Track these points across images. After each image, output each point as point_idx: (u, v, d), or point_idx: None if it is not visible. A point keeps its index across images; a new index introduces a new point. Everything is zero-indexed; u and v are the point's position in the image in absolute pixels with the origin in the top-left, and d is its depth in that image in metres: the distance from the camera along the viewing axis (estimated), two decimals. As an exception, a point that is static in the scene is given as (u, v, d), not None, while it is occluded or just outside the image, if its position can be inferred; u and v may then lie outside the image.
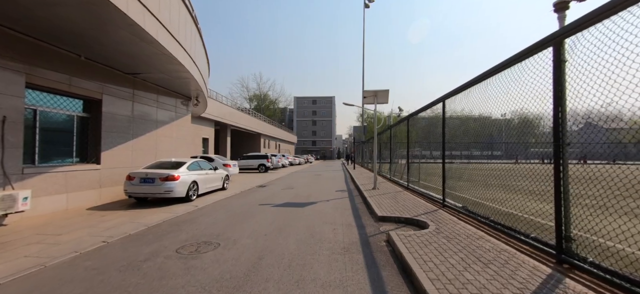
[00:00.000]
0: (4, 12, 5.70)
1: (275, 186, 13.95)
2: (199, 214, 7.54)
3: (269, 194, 11.25)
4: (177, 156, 12.72)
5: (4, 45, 6.29)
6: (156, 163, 9.42)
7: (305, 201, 9.53)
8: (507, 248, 4.08)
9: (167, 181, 8.43)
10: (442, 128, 7.19)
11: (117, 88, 9.40)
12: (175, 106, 12.94)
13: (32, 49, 6.82)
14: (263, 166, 24.29)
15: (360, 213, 7.49)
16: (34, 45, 6.86)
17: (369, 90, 11.16)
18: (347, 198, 10.11)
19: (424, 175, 11.35)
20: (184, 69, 9.36)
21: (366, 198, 9.10)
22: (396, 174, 14.69)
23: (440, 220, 5.86)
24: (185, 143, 13.95)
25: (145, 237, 5.48)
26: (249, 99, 70.07)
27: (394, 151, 15.02)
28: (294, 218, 6.91)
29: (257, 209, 8.03)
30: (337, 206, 8.45)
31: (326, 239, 5.25)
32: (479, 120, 6.18)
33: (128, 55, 8.10)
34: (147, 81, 10.74)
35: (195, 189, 9.51)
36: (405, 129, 14.02)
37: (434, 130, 11.05)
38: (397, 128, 14.19)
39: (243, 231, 5.84)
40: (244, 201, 9.46)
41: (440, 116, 10.49)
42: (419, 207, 7.33)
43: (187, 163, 9.58)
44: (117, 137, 9.46)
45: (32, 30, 6.50)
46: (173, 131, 12.74)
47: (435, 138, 11.29)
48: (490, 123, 5.67)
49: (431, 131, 11.09)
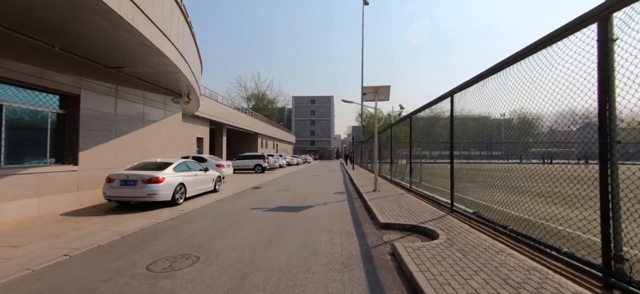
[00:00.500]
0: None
1: (271, 188, 13.28)
2: (183, 220, 6.87)
3: (263, 196, 10.59)
4: (166, 156, 12.03)
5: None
6: (140, 164, 8.73)
7: (301, 204, 8.87)
8: (537, 265, 3.43)
9: (150, 184, 7.75)
10: (450, 126, 6.55)
11: (98, 83, 8.70)
12: (165, 103, 12.24)
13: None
14: (259, 166, 23.61)
15: (361, 219, 6.84)
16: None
17: (369, 86, 10.52)
18: (345, 201, 9.46)
19: (428, 176, 10.74)
20: (170, 62, 8.67)
21: (366, 201, 8.45)
22: (396, 174, 14.06)
23: (450, 228, 5.22)
24: (175, 142, 13.25)
25: (116, 249, 4.80)
26: (247, 99, 69.42)
27: (395, 151, 14.39)
28: (288, 225, 6.25)
29: (248, 214, 7.37)
30: (335, 211, 7.80)
31: (322, 251, 4.60)
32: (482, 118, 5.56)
33: (107, 46, 7.41)
34: (133, 76, 10.05)
35: (183, 191, 8.83)
36: (407, 127, 13.43)
37: (435, 129, 10.46)
38: (398, 127, 13.57)
39: (229, 241, 5.17)
40: (235, 205, 8.79)
41: (440, 115, 9.99)
42: (424, 212, 6.69)
43: (174, 164, 8.90)
44: (98, 135, 8.77)
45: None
46: (162, 129, 12.05)
47: (435, 138, 10.72)
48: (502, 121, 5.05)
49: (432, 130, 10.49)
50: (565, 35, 3.28)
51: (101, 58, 8.31)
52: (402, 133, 13.91)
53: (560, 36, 3.32)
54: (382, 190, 10.78)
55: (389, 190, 10.78)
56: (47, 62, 7.22)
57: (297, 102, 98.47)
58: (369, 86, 10.56)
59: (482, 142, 6.20)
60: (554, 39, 3.40)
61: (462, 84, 5.90)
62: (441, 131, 10.25)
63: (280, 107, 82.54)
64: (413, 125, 13.44)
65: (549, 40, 3.46)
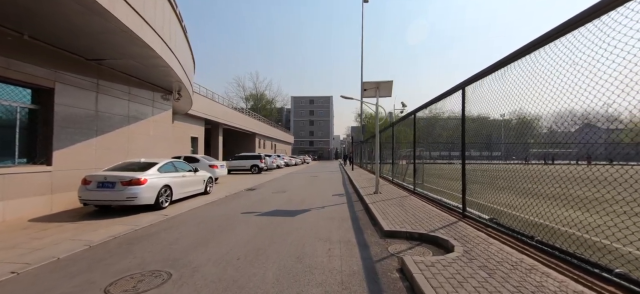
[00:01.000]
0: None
1: (266, 189, 12.59)
2: (164, 226, 6.17)
3: (257, 199, 9.89)
4: (155, 155, 11.33)
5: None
6: (121, 164, 8.03)
7: (297, 208, 8.18)
8: (585, 290, 2.76)
9: (131, 186, 7.04)
10: (461, 123, 5.88)
11: (75, 76, 8.00)
12: (153, 100, 11.54)
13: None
14: (256, 166, 22.91)
15: (362, 225, 6.16)
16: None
17: (371, 81, 9.85)
18: (345, 204, 8.78)
19: (431, 177, 10.07)
20: (155, 54, 7.98)
21: (368, 205, 7.77)
22: (397, 175, 13.40)
23: (466, 238, 4.54)
24: (165, 141, 12.54)
25: (76, 264, 4.10)
26: (246, 99, 68.76)
27: (396, 151, 13.72)
28: (281, 233, 5.56)
29: (238, 220, 6.67)
30: (333, 215, 7.12)
31: (318, 266, 3.91)
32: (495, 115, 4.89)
33: (82, 34, 6.72)
34: (116, 70, 9.35)
35: (168, 194, 8.13)
36: (410, 125, 12.76)
37: (435, 129, 9.79)
38: (400, 125, 12.90)
39: (211, 252, 4.48)
40: (225, 209, 8.09)
41: (439, 115, 9.33)
42: (433, 217, 6.02)
43: (159, 164, 8.20)
44: (76, 133, 8.06)
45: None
46: (150, 127, 11.34)
47: (434, 138, 10.06)
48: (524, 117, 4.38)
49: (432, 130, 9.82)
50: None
51: (78, 49, 7.61)
52: (403, 132, 13.27)
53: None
54: (383, 192, 10.11)
55: (391, 192, 10.11)
56: (14, 51, 6.51)
57: (295, 103, 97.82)
58: (370, 81, 9.89)
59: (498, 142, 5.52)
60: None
61: (477, 74, 5.22)
62: (441, 131, 9.63)
63: (279, 107, 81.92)
64: (418, 123, 12.84)
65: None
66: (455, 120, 6.94)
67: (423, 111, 9.24)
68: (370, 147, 23.14)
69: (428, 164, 10.63)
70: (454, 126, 8.91)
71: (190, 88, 14.28)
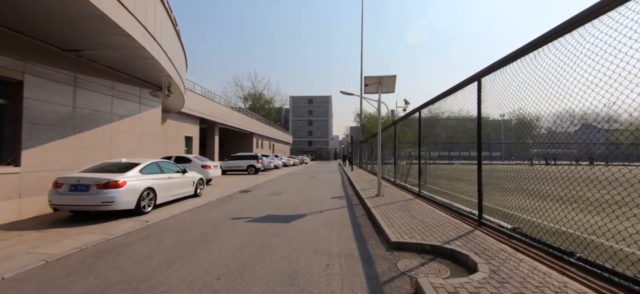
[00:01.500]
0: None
1: (261, 191, 11.88)
2: (142, 235, 5.46)
3: (251, 202, 9.19)
4: (142, 155, 10.62)
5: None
6: (99, 165, 7.31)
7: (292, 212, 7.49)
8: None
9: (107, 189, 6.33)
10: (477, 119, 5.20)
11: (49, 68, 7.28)
12: (140, 96, 10.82)
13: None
14: (252, 167, 22.18)
15: (364, 234, 5.47)
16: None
17: (373, 76, 9.16)
18: (345, 208, 8.09)
19: (434, 178, 9.40)
20: (138, 44, 7.27)
21: (370, 209, 7.09)
22: (399, 176, 12.74)
23: (488, 252, 3.86)
24: (153, 140, 11.82)
25: (20, 287, 3.39)
26: (244, 99, 68.02)
27: (398, 151, 13.05)
28: (272, 244, 4.86)
29: (225, 228, 5.97)
30: (332, 222, 6.43)
31: (315, 288, 3.22)
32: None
33: (53, 20, 6.00)
34: (97, 62, 8.62)
35: (152, 198, 7.41)
36: (409, 125, 12.10)
37: (435, 130, 9.12)
38: (400, 125, 12.24)
39: (188, 270, 3.78)
40: (214, 213, 7.39)
41: (438, 115, 8.66)
42: (444, 225, 5.33)
43: (142, 165, 7.49)
44: (50, 131, 7.33)
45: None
46: (136, 125, 10.62)
47: (436, 138, 9.38)
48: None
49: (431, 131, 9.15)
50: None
51: (51, 37, 6.89)
52: (402, 132, 12.61)
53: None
54: (386, 194, 9.43)
55: (394, 195, 9.43)
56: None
57: (294, 102, 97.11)
58: (372, 76, 9.21)
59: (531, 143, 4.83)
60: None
61: (498, 62, 4.54)
62: (441, 131, 8.99)
63: (278, 107, 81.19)
64: (411, 125, 12.18)
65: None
66: (469, 120, 6.34)
67: (423, 110, 8.60)
68: (370, 147, 22.47)
69: (429, 164, 9.98)
70: (454, 125, 8.31)
71: (182, 85, 13.57)
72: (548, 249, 3.64)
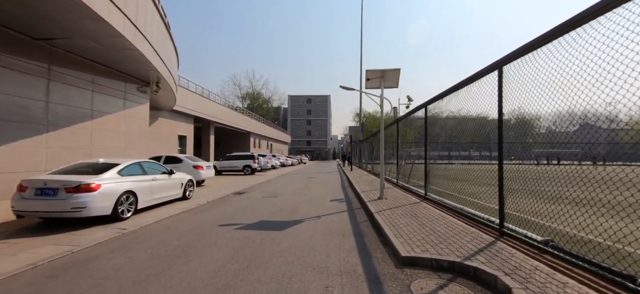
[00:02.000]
0: None
1: (256, 193, 11.18)
2: (113, 246, 4.76)
3: (243, 205, 8.49)
4: (128, 155, 9.90)
5: None
6: (72, 166, 6.60)
7: (287, 217, 6.80)
8: None
9: (78, 193, 5.62)
10: (498, 112, 4.53)
11: (16, 59, 6.56)
12: (126, 92, 10.10)
13: None
14: (248, 167, 21.47)
15: (368, 244, 4.79)
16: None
17: (375, 70, 8.50)
18: (345, 213, 7.41)
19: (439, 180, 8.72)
20: (115, 32, 6.57)
21: (373, 215, 6.42)
22: (402, 177, 12.08)
23: (520, 271, 3.18)
24: (141, 139, 11.11)
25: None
26: (242, 98, 67.27)
27: (401, 150, 12.37)
28: (263, 258, 4.17)
29: (211, 237, 5.28)
30: (331, 229, 5.74)
31: (309, 325, 2.54)
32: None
33: (16, 2, 5.29)
34: (74, 53, 7.91)
35: (132, 202, 6.71)
36: (415, 123, 11.45)
37: (434, 129, 8.45)
38: (402, 123, 11.56)
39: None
40: (201, 219, 6.69)
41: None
42: (459, 234, 4.66)
43: (121, 165, 6.78)
44: (17, 128, 6.62)
45: None
46: (121, 123, 9.91)
47: (434, 137, 8.71)
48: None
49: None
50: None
51: (14, 21, 6.17)
52: (402, 131, 11.94)
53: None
54: (389, 197, 8.76)
55: (397, 197, 8.76)
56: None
57: (293, 102, 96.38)
58: (374, 70, 8.54)
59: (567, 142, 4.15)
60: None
61: (524, 47, 3.87)
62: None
63: (276, 106, 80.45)
64: (411, 124, 11.52)
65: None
66: (470, 119, 5.71)
67: (421, 111, 7.95)
68: (370, 147, 21.82)
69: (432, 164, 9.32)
70: (454, 124, 7.69)
71: (173, 80, 12.85)
72: (597, 271, 2.97)
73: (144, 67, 9.41)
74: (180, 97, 19.23)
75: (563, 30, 3.26)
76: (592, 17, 2.93)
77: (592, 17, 2.93)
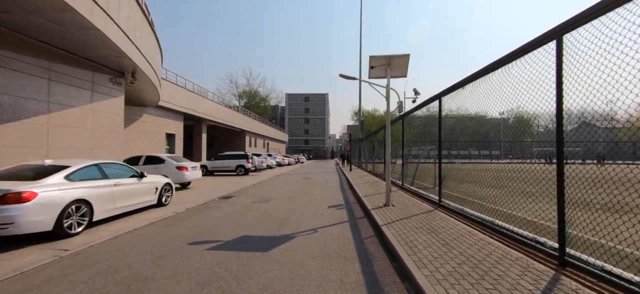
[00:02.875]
0: None
1: (245, 198, 9.96)
2: (36, 280, 3.52)
3: (227, 214, 7.27)
4: (97, 155, 8.64)
5: None
6: (8, 170, 5.33)
7: (276, 231, 5.58)
8: None
9: (4, 205, 4.37)
10: (557, 94, 3.34)
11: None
12: (93, 82, 8.82)
13: None
14: (242, 167, 20.20)
15: (380, 275, 3.58)
16: None
17: (380, 56, 7.29)
18: (346, 224, 6.20)
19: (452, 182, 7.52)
20: (61, 3, 5.30)
21: (381, 229, 5.22)
22: (407, 178, 10.91)
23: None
24: (113, 137, 9.83)
25: None
26: (239, 96, 65.89)
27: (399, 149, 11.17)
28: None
29: (173, 261, 4.05)
30: (330, 250, 4.53)
31: None
32: None
33: None
34: (24, 34, 6.63)
35: (84, 213, 5.46)
36: (415, 121, 10.27)
37: (431, 129, 7.26)
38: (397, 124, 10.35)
39: None
40: (170, 234, 5.46)
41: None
42: (500, 261, 3.47)
43: (71, 169, 5.52)
44: (-59, 122, 5.34)
45: None
46: (87, 118, 8.64)
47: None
48: None
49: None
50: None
51: None
52: (397, 130, 10.75)
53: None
54: (396, 203, 7.57)
55: (406, 204, 7.56)
56: None
57: (290, 100, 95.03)
58: (379, 56, 7.33)
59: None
60: None
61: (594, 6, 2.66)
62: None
63: (273, 105, 79.06)
64: (411, 123, 10.35)
65: None
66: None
67: (432, 103, 6.78)
68: (370, 146, 20.63)
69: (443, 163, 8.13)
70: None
71: (154, 72, 11.57)
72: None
73: (114, 54, 8.14)
74: (168, 93, 17.94)
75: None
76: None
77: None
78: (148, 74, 10.67)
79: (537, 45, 3.60)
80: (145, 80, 11.10)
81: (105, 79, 9.27)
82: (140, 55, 9.54)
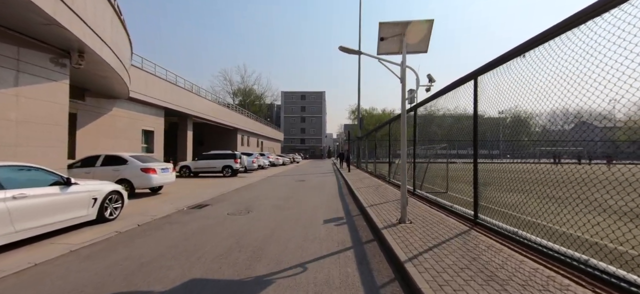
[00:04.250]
0: None
1: (221, 207, 8.03)
2: None
3: (187, 234, 5.35)
4: (17, 156, 6.64)
5: None
6: None
7: (244, 271, 3.67)
8: None
9: None
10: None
11: None
12: (18, 59, 6.82)
13: None
14: (229, 168, 18.21)
15: None
16: None
17: (393, 22, 5.42)
18: (350, 253, 4.31)
19: (490, 191, 5.61)
20: None
21: (407, 271, 3.34)
22: (418, 182, 9.07)
23: None
24: (53, 130, 7.82)
25: None
26: (233, 94, 63.68)
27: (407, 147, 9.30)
28: None
29: None
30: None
31: None
32: None
33: None
34: None
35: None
36: (413, 121, 8.40)
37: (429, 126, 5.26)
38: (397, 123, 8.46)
39: None
40: (79, 281, 3.53)
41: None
42: None
43: None
44: None
45: None
46: (10, 107, 6.64)
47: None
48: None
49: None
50: None
51: None
52: (396, 129, 8.90)
53: None
54: (414, 218, 5.71)
55: (427, 219, 5.69)
56: None
57: (286, 98, 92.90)
58: (391, 22, 5.45)
59: None
60: None
61: None
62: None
63: (269, 103, 76.89)
64: (427, 117, 8.52)
65: None
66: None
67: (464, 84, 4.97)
68: (371, 144, 18.77)
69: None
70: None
71: (115, 56, 9.57)
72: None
73: (41, 21, 6.16)
74: (143, 84, 15.91)
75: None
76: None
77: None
78: (104, 56, 8.66)
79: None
80: (101, 64, 9.10)
81: (37, 58, 7.26)
82: (91, 31, 7.57)
